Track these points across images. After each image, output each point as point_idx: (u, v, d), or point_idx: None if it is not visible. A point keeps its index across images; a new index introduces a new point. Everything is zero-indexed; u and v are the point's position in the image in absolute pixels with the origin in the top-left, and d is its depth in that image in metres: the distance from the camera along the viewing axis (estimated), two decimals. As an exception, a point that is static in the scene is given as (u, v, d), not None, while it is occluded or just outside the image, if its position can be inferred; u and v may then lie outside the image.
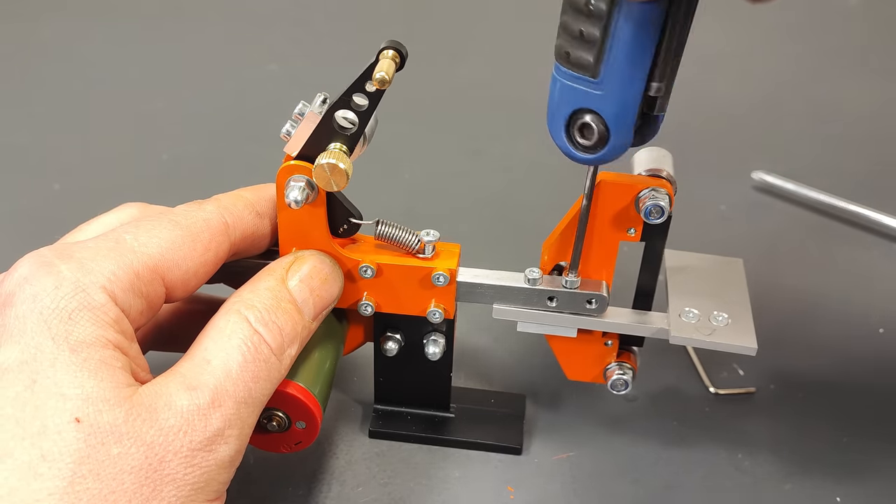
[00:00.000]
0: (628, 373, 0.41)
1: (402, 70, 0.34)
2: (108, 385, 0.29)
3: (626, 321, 0.40)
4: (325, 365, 0.39)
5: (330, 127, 0.36)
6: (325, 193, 0.37)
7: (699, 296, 0.40)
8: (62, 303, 0.30)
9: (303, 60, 0.76)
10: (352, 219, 0.38)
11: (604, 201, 0.37)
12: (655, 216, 0.37)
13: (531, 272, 0.39)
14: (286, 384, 0.36)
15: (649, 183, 0.37)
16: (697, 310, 0.39)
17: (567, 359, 0.42)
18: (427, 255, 0.39)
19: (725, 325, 0.39)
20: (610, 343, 0.41)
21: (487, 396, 0.45)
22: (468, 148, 0.66)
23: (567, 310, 0.39)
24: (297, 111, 0.36)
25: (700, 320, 0.39)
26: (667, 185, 0.37)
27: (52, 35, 0.79)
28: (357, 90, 0.35)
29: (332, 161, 0.35)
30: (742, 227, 0.59)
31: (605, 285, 0.39)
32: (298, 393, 0.36)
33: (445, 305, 0.39)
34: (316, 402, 0.37)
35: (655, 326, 0.39)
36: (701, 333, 0.38)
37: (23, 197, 0.59)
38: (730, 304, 0.39)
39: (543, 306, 0.39)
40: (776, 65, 0.79)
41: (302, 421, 0.37)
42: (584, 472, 0.42)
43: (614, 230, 0.38)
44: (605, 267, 0.39)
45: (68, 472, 0.28)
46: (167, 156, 0.64)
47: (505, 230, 0.57)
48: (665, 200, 0.37)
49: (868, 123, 0.71)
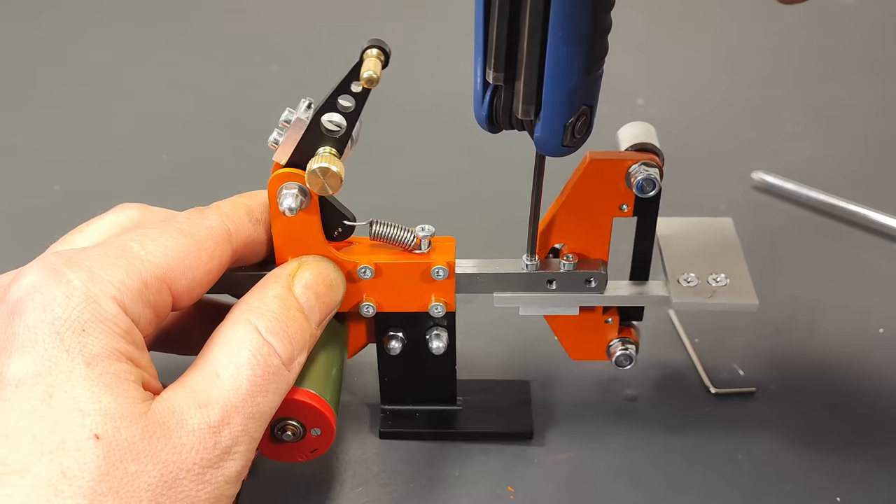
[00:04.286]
0: (630, 347, 0.41)
1: (386, 68, 0.34)
2: (124, 401, 0.29)
3: (626, 293, 0.40)
4: (333, 370, 0.39)
5: (318, 132, 0.35)
6: (317, 199, 0.37)
7: (694, 260, 0.40)
8: (74, 313, 0.30)
9: (304, 61, 0.76)
10: (346, 221, 0.38)
11: (595, 180, 0.38)
12: (648, 189, 0.37)
13: (528, 257, 0.39)
14: (297, 392, 0.36)
15: (638, 158, 0.37)
16: (695, 273, 0.40)
17: (569, 339, 0.42)
18: (423, 250, 0.39)
19: (724, 286, 0.39)
20: (610, 320, 0.41)
21: (492, 386, 0.45)
22: (463, 145, 0.66)
23: (567, 290, 0.40)
24: (283, 118, 0.36)
25: (699, 284, 0.39)
26: (655, 158, 0.38)
27: (53, 35, 0.79)
28: (342, 92, 0.35)
29: (325, 165, 0.35)
30: (742, 227, 0.59)
31: (603, 263, 0.40)
32: (311, 400, 0.36)
33: (446, 299, 0.39)
34: (329, 408, 0.37)
35: (656, 295, 0.40)
36: (702, 297, 0.39)
37: (23, 197, 0.59)
38: (726, 265, 0.40)
39: (544, 289, 0.40)
40: (776, 64, 0.79)
41: (317, 428, 0.37)
42: (584, 472, 0.42)
43: (607, 208, 0.38)
44: (600, 245, 0.39)
45: (88, 489, 0.28)
46: (167, 156, 0.64)
47: (500, 225, 0.57)
48: (656, 173, 0.37)
49: (869, 123, 0.71)
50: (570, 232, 0.39)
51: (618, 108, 0.71)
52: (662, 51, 0.80)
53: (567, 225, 0.39)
